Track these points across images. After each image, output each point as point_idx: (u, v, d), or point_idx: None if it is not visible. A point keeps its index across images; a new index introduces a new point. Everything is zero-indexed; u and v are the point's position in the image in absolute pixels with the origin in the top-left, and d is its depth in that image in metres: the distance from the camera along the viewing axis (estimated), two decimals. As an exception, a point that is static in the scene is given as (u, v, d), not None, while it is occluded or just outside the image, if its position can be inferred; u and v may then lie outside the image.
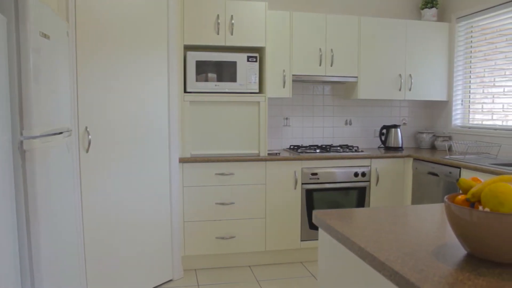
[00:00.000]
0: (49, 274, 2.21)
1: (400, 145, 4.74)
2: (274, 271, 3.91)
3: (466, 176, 3.59)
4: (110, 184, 3.24)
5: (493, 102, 4.41)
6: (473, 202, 1.26)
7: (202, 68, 3.87)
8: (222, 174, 3.85)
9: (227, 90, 3.92)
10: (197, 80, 3.87)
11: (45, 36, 2.21)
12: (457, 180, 1.31)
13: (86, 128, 3.09)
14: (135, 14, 3.30)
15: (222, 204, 3.87)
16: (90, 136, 3.10)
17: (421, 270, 1.14)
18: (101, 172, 3.19)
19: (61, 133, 2.50)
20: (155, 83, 3.46)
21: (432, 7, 4.83)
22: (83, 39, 3.06)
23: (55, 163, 2.40)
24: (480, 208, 1.21)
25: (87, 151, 3.10)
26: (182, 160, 3.75)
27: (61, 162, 2.53)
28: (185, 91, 3.88)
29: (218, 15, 3.84)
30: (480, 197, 1.21)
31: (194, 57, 3.85)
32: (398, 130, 4.75)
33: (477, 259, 1.23)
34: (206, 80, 3.89)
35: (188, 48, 4.02)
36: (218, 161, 3.82)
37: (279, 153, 4.13)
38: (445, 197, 1.30)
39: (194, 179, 3.81)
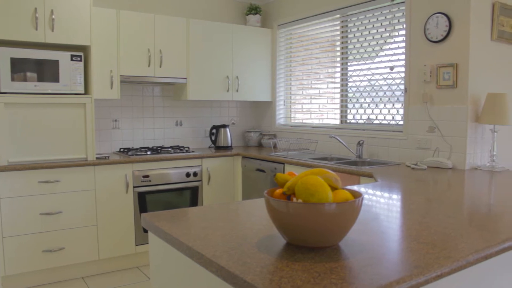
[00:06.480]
0: None
1: (230, 144, 4.93)
2: (110, 280, 3.76)
3: (290, 170, 3.89)
4: None
5: (310, 103, 4.86)
6: (289, 195, 1.38)
7: (19, 67, 3.53)
8: (46, 181, 3.57)
9: (49, 91, 3.64)
10: (13, 80, 3.51)
11: None
12: (274, 175, 1.42)
13: None
14: None
15: (48, 214, 3.59)
16: None
17: (245, 263, 1.21)
18: None
19: None
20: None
21: (256, 13, 5.13)
22: None
23: None
24: (295, 200, 1.32)
25: None
26: (-2, 169, 3.38)
27: None
28: (-2, 92, 3.50)
29: (36, 9, 3.54)
30: (294, 190, 1.33)
31: (8, 53, 3.49)
32: (227, 129, 4.94)
33: (294, 247, 1.35)
34: (25, 79, 3.56)
35: (1, 43, 3.63)
36: (41, 168, 3.53)
37: (108, 157, 3.98)
38: (265, 191, 1.40)
39: (14, 190, 3.46)
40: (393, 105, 3.91)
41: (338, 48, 4.47)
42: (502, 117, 3.17)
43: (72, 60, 3.72)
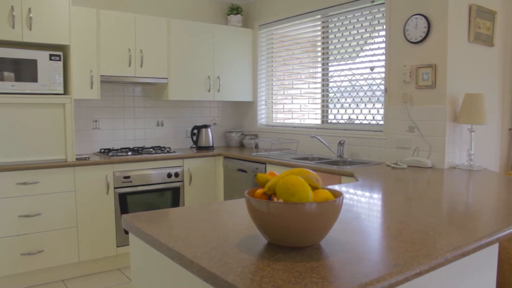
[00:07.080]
0: None
1: (211, 145, 4.92)
2: (91, 282, 3.72)
3: (271, 170, 3.90)
4: None
5: (292, 103, 4.87)
6: (270, 195, 1.38)
7: (-4, 67, 3.47)
8: (24, 183, 3.51)
9: (27, 91, 3.59)
10: (-11, 80, 3.45)
11: None
12: (255, 175, 1.42)
13: None
14: None
15: (27, 216, 3.53)
16: None
17: (226, 263, 1.21)
18: None
19: None
20: None
21: (237, 13, 5.13)
22: None
23: None
24: (276, 200, 1.33)
25: None
26: (-26, 170, 3.32)
27: None
28: (-26, 92, 3.44)
29: (12, 7, 3.48)
30: (275, 190, 1.33)
31: (-16, 54, 3.43)
32: (209, 130, 4.93)
33: (275, 247, 1.35)
34: (2, 79, 3.49)
35: (-23, 43, 3.57)
36: (19, 169, 3.47)
37: (88, 158, 3.94)
38: (246, 191, 1.40)
39: (-10, 191, 3.40)
40: (374, 105, 3.94)
41: (319, 49, 4.50)
42: (479, 117, 3.23)
43: (51, 59, 3.67)
